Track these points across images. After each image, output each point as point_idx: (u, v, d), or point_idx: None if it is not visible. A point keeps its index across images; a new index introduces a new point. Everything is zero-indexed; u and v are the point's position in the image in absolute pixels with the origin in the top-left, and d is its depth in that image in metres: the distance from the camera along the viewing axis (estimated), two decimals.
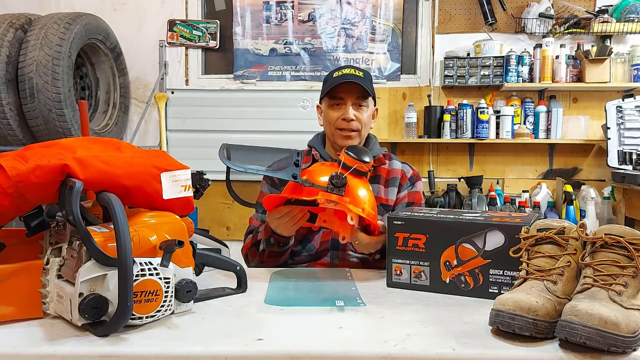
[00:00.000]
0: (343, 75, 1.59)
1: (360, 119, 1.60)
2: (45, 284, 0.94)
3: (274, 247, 1.47)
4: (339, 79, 1.58)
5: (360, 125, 1.60)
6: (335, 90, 1.59)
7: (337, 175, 1.20)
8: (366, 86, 1.57)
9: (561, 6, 3.45)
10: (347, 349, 0.84)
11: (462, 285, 1.12)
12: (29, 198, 0.91)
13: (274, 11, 3.69)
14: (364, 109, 1.61)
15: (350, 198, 1.21)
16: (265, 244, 1.48)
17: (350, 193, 1.22)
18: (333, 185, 1.20)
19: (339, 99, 1.60)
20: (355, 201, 1.23)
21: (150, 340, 0.87)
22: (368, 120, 1.63)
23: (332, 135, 1.63)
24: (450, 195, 3.43)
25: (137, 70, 3.69)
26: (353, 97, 1.59)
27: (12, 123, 2.86)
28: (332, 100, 1.61)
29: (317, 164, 1.34)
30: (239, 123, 3.61)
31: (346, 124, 1.59)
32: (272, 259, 1.51)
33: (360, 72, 1.60)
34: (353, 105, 1.59)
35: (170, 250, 0.92)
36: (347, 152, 1.29)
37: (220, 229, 3.67)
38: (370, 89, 1.60)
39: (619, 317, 0.78)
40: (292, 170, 1.21)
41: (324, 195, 1.20)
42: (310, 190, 1.21)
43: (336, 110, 1.61)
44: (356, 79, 1.56)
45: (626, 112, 3.19)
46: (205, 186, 1.33)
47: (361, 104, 1.61)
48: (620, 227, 0.90)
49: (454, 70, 3.43)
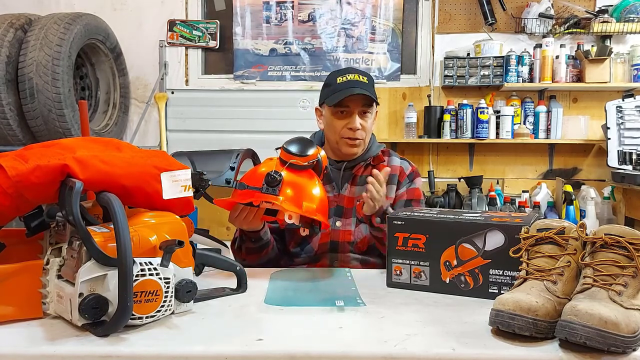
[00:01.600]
0: (348, 82, 1.54)
1: (366, 127, 1.57)
2: (45, 284, 0.94)
3: (247, 244, 1.49)
4: (345, 86, 1.53)
5: (365, 133, 1.58)
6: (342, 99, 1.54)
7: (270, 174, 1.18)
8: (372, 93, 1.54)
9: (561, 6, 3.45)
10: (347, 349, 0.84)
11: (462, 285, 1.12)
12: (28, 198, 0.91)
13: (274, 11, 3.69)
14: (369, 115, 1.59)
15: (284, 196, 1.19)
16: (240, 241, 1.51)
17: (286, 191, 1.20)
18: (267, 185, 1.18)
19: (345, 106, 1.56)
20: (293, 198, 1.21)
21: (150, 340, 0.87)
22: (372, 126, 1.62)
23: (337, 143, 1.60)
24: (450, 195, 3.43)
25: (137, 70, 3.69)
26: (359, 105, 1.55)
27: (12, 123, 2.86)
28: (337, 108, 1.56)
29: (267, 159, 1.31)
30: (239, 123, 3.61)
31: (352, 133, 1.55)
32: (251, 256, 1.51)
33: (364, 77, 1.56)
34: (359, 114, 1.56)
35: (170, 250, 0.92)
36: (284, 147, 1.26)
37: (220, 229, 3.66)
38: (375, 95, 1.57)
39: (619, 317, 0.78)
40: (226, 175, 1.21)
41: (258, 197, 1.19)
42: (247, 193, 1.20)
43: (341, 118, 1.57)
44: (362, 86, 1.53)
45: (626, 112, 3.19)
46: (205, 186, 1.33)
47: (367, 111, 1.57)
48: (620, 227, 0.90)
49: (454, 70, 3.43)
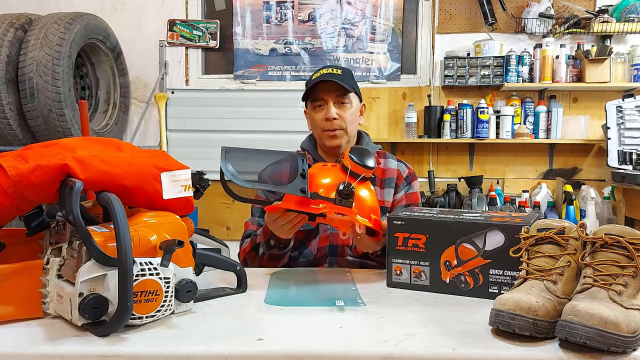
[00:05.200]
0: (321, 75, 1.57)
1: (343, 116, 1.57)
2: (45, 283, 0.94)
3: (273, 250, 1.45)
4: (317, 80, 1.56)
5: (344, 123, 1.58)
6: (315, 91, 1.58)
7: (346, 186, 1.17)
8: (345, 83, 1.55)
9: (561, 6, 3.45)
10: (347, 349, 0.84)
11: (462, 285, 1.12)
12: (29, 198, 0.91)
13: (274, 11, 3.69)
14: (347, 106, 1.59)
15: (358, 209, 1.18)
16: (265, 247, 1.47)
17: (358, 203, 1.19)
18: (341, 197, 1.17)
19: (320, 99, 1.59)
20: (363, 211, 1.20)
21: (150, 340, 0.87)
22: (352, 117, 1.60)
23: (320, 137, 1.62)
24: (450, 195, 3.43)
25: (137, 70, 3.69)
26: (333, 95, 1.57)
27: (12, 123, 2.86)
28: (313, 103, 1.60)
29: (317, 165, 1.29)
30: (239, 123, 3.61)
31: (329, 124, 1.57)
32: (271, 262, 1.49)
33: (339, 69, 1.59)
34: (335, 104, 1.57)
35: (170, 250, 0.92)
36: (352, 158, 1.23)
37: (220, 229, 3.67)
38: (351, 85, 1.58)
39: (619, 317, 0.78)
40: (299, 184, 1.15)
41: (331, 208, 1.16)
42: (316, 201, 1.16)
43: (319, 111, 1.59)
44: (333, 77, 1.55)
45: (626, 112, 3.19)
46: (205, 186, 1.33)
47: (343, 101, 1.58)
48: (620, 227, 0.90)
49: (454, 70, 3.43)
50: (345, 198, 1.17)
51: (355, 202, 1.18)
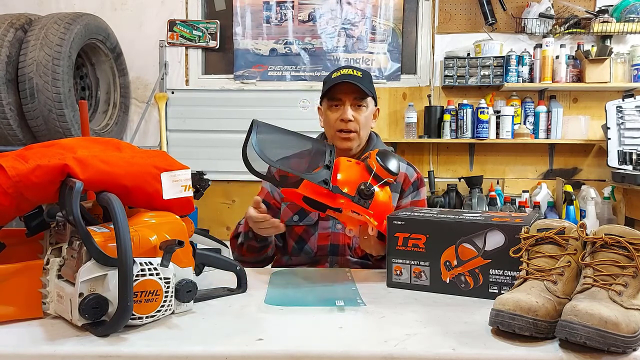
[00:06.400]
0: (341, 75, 1.57)
1: (358, 119, 1.57)
2: (46, 284, 0.94)
3: (251, 242, 1.49)
4: (338, 79, 1.57)
5: (358, 126, 1.58)
6: (333, 91, 1.58)
7: (367, 187, 1.17)
8: (364, 86, 1.55)
9: (561, 6, 3.45)
10: (347, 349, 0.84)
11: (462, 285, 1.12)
12: (29, 198, 0.91)
13: (274, 11, 3.69)
14: (363, 109, 1.59)
15: (374, 211, 1.19)
16: (244, 237, 1.50)
17: (374, 205, 1.19)
18: (360, 197, 1.17)
19: (337, 99, 1.59)
20: (378, 214, 1.20)
21: (150, 340, 0.87)
22: (367, 120, 1.61)
23: (332, 137, 1.61)
24: (450, 195, 3.43)
25: (137, 70, 3.69)
26: (351, 97, 1.57)
27: (12, 123, 2.86)
28: (330, 102, 1.60)
29: (343, 159, 1.26)
30: (239, 123, 3.58)
31: (344, 125, 1.57)
32: (250, 254, 1.52)
33: (359, 72, 1.59)
34: (352, 106, 1.57)
35: (170, 250, 0.92)
36: (379, 161, 1.22)
37: (220, 229, 3.67)
38: (369, 89, 1.58)
39: (619, 317, 0.78)
40: (323, 175, 1.15)
41: (348, 206, 1.17)
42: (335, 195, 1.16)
43: (335, 111, 1.59)
44: (354, 79, 1.55)
45: (626, 112, 3.19)
46: (205, 186, 1.33)
47: (360, 104, 1.59)
48: (620, 227, 0.90)
49: (454, 70, 3.43)
50: (365, 199, 1.17)
51: (372, 204, 1.18)
